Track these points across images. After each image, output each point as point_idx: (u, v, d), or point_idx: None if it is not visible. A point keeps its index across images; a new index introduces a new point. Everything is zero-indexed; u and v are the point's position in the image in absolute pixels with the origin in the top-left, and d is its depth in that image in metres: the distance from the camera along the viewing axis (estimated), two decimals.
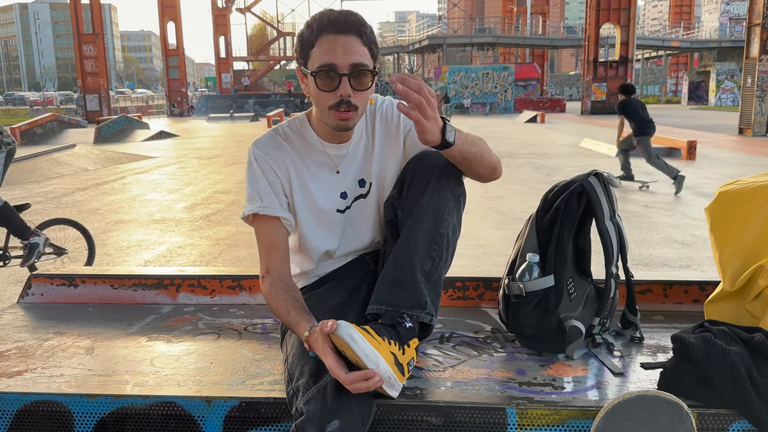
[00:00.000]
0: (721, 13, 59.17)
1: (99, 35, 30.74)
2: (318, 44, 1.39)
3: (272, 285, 1.46)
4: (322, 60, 1.38)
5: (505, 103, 32.60)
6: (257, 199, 1.49)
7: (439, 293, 1.45)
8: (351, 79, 1.38)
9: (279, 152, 1.52)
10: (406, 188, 1.48)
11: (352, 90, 1.39)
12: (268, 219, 1.49)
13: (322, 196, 1.54)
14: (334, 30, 1.37)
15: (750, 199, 1.59)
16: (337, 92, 1.39)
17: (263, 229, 1.50)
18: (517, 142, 14.56)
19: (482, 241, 4.68)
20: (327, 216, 1.56)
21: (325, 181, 1.54)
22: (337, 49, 1.37)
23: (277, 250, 1.50)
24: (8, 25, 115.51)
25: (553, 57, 63.84)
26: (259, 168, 1.51)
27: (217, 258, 4.63)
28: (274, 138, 1.54)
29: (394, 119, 1.57)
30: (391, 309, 1.35)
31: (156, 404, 1.35)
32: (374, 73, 1.42)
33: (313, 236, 1.57)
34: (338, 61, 1.37)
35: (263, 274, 1.49)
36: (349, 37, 1.38)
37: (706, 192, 7.19)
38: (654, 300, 1.89)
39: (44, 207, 7.00)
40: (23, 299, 2.09)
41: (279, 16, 52.21)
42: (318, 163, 1.54)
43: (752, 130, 15.59)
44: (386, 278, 1.40)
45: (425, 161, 1.48)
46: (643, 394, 1.20)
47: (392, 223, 1.50)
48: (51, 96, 54.09)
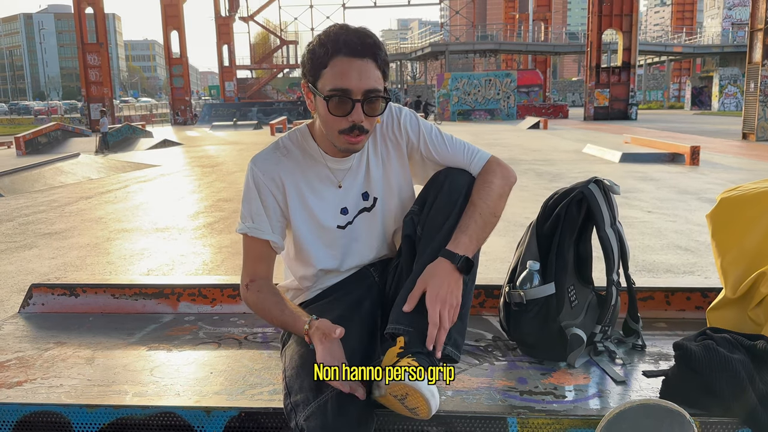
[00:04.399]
0: (723, 18, 59.21)
1: (103, 45, 30.97)
2: (331, 65, 1.35)
3: (260, 291, 1.47)
4: (335, 84, 1.34)
5: (507, 110, 32.61)
6: (248, 220, 1.49)
7: (465, 320, 1.41)
8: (364, 104, 1.36)
9: (277, 168, 1.49)
10: (429, 206, 1.45)
11: (365, 116, 1.37)
12: (257, 239, 1.49)
13: (322, 213, 1.52)
14: (349, 53, 1.33)
15: (752, 205, 1.58)
16: (349, 118, 1.36)
17: (252, 245, 1.51)
18: (520, 148, 14.55)
19: (485, 248, 4.65)
20: (327, 232, 1.53)
21: (327, 196, 1.52)
22: (352, 74, 1.33)
23: (263, 261, 1.51)
24: (13, 35, 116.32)
25: (556, 63, 63.94)
26: (255, 187, 1.49)
27: (220, 266, 4.63)
28: (274, 153, 1.51)
29: (395, 131, 1.54)
30: (412, 330, 1.32)
31: (155, 414, 1.35)
32: (387, 99, 1.40)
33: (314, 253, 1.54)
34: (352, 86, 1.34)
35: (247, 283, 1.49)
36: (364, 61, 1.34)
37: (710, 198, 7.17)
38: (656, 307, 1.88)
39: (48, 216, 7.02)
40: (24, 309, 2.09)
41: (282, 24, 52.38)
42: (320, 178, 1.51)
43: (756, 135, 15.55)
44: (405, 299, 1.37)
45: (450, 183, 1.46)
46: (645, 402, 1.20)
47: (410, 238, 1.47)
48: (55, 105, 54.41)
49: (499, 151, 13.67)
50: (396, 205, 1.57)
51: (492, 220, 1.44)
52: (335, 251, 1.55)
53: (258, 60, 52.64)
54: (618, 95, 28.78)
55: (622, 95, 28.79)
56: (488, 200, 1.43)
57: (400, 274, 1.48)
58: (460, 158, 1.51)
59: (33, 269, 4.62)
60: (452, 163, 1.51)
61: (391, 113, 1.54)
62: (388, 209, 1.56)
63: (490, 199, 1.43)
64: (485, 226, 1.42)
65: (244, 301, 1.52)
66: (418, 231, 1.46)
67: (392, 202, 1.56)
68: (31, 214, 7.22)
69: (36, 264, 4.79)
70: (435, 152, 1.52)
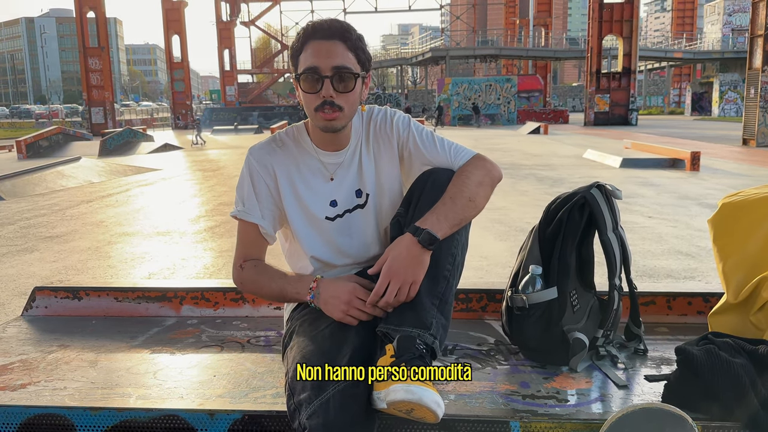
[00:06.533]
0: (724, 24, 59.28)
1: (104, 49, 31.05)
2: (305, 50, 1.45)
3: (255, 266, 1.55)
4: (306, 63, 1.44)
5: (508, 115, 32.66)
6: (240, 204, 1.57)
7: (448, 316, 1.42)
8: (333, 80, 1.43)
9: (271, 158, 1.56)
10: (413, 206, 1.48)
11: (335, 92, 1.44)
12: (249, 222, 1.56)
13: (313, 203, 1.56)
14: (319, 36, 1.44)
15: (753, 210, 1.59)
16: (320, 94, 1.44)
17: (244, 230, 1.59)
18: (521, 153, 14.57)
19: (486, 253, 4.68)
20: (318, 222, 1.57)
21: (318, 188, 1.56)
22: (321, 53, 1.43)
23: (256, 245, 1.58)
24: (15, 38, 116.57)
25: (556, 68, 64.02)
26: (249, 174, 1.56)
27: (221, 270, 4.63)
28: (269, 144, 1.58)
29: (387, 130, 1.58)
30: (400, 329, 1.33)
31: (159, 417, 1.35)
32: (358, 76, 1.47)
33: (306, 240, 1.58)
34: (321, 64, 1.43)
35: (240, 263, 1.56)
36: (333, 42, 1.43)
37: (710, 203, 7.17)
38: (658, 312, 1.89)
39: (49, 219, 7.03)
40: (27, 312, 2.10)
41: (283, 29, 52.53)
42: (312, 170, 1.57)
43: (756, 141, 15.57)
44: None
45: (432, 181, 1.48)
46: (647, 406, 1.20)
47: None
48: (56, 109, 54.47)
49: (499, 156, 13.69)
50: (387, 201, 1.60)
51: (466, 204, 1.43)
52: (327, 241, 1.58)
53: (259, 64, 52.79)
54: (618, 101, 28.83)
55: (623, 101, 28.84)
56: (461, 185, 1.45)
57: None
58: (447, 157, 1.54)
59: (34, 272, 4.63)
60: (439, 163, 1.54)
61: (386, 114, 1.60)
62: (381, 206, 1.59)
63: (464, 185, 1.45)
64: (456, 208, 1.41)
65: (238, 283, 1.58)
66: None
67: (384, 198, 1.59)
68: (33, 217, 7.22)
69: (37, 267, 4.79)
70: (424, 150, 1.56)
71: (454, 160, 1.53)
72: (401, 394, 1.18)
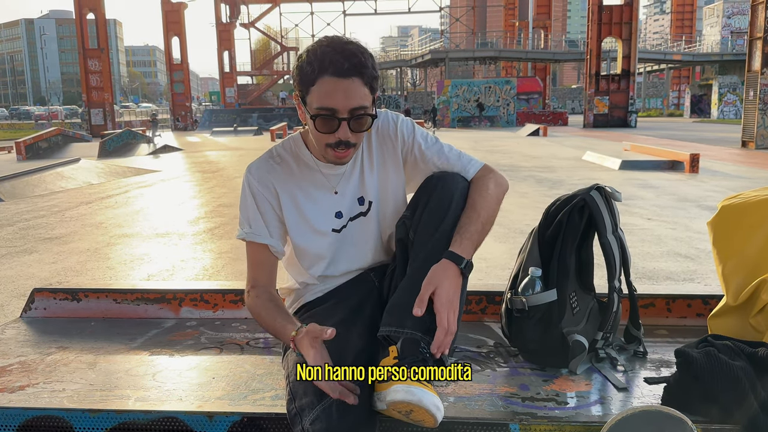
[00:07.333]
0: (723, 26, 59.41)
1: (104, 50, 31.06)
2: (318, 84, 1.36)
3: (258, 296, 1.50)
4: (321, 103, 1.36)
5: (507, 117, 32.68)
6: (246, 225, 1.54)
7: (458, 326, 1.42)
8: (350, 122, 1.38)
9: (270, 176, 1.53)
10: (420, 210, 1.47)
11: (351, 132, 1.39)
12: (257, 243, 1.53)
13: (317, 218, 1.54)
14: (334, 73, 1.34)
15: (753, 213, 1.59)
16: (335, 134, 1.39)
17: (252, 251, 1.55)
18: (520, 155, 14.57)
19: (486, 255, 4.68)
20: (322, 237, 1.55)
21: (322, 202, 1.54)
22: (338, 95, 1.35)
23: (264, 267, 1.54)
24: (14, 40, 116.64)
25: (555, 71, 64.12)
26: (251, 194, 1.53)
27: (221, 272, 4.63)
28: (267, 162, 1.55)
29: (390, 135, 1.55)
30: (402, 331, 1.33)
31: (158, 419, 1.35)
32: (373, 116, 1.42)
33: (309, 256, 1.57)
34: (338, 106, 1.36)
35: (248, 289, 1.53)
36: (350, 80, 1.35)
37: (710, 205, 7.17)
38: (657, 314, 1.89)
39: (48, 221, 7.02)
40: (26, 313, 2.09)
41: (282, 31, 52.58)
42: (315, 185, 1.54)
43: (755, 143, 15.58)
44: (399, 301, 1.39)
45: (441, 186, 1.47)
46: (646, 409, 1.20)
47: (402, 242, 1.49)
48: (56, 110, 54.44)
49: (499, 157, 13.69)
50: (391, 209, 1.58)
51: (489, 227, 1.46)
52: (327, 257, 1.57)
53: (259, 66, 52.82)
54: (617, 103, 28.85)
55: (622, 103, 28.85)
56: (487, 206, 1.46)
57: (396, 278, 1.49)
58: (455, 163, 1.53)
59: (33, 274, 4.62)
60: (446, 168, 1.53)
61: (388, 119, 1.56)
62: (384, 213, 1.58)
63: (488, 205, 1.46)
64: (483, 232, 1.44)
65: (246, 306, 1.55)
66: (411, 235, 1.47)
67: (387, 205, 1.58)
68: (32, 218, 7.22)
69: (36, 269, 4.79)
70: (429, 155, 1.53)
71: (464, 168, 1.52)
72: (401, 394, 1.18)
